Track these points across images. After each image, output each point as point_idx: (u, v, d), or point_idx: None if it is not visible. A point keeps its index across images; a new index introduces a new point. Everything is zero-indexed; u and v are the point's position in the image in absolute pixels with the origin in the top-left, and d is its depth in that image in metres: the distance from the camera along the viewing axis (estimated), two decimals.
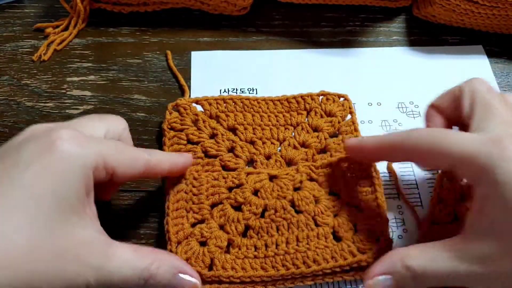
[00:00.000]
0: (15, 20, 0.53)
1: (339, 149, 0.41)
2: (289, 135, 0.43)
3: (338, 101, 0.45)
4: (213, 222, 0.37)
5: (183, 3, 0.52)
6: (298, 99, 0.45)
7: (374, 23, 0.54)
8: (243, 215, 0.37)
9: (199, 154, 0.41)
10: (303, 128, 0.43)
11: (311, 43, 0.52)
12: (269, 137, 0.42)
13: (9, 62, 0.49)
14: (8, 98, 0.46)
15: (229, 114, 0.43)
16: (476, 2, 0.48)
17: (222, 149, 0.41)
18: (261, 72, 0.49)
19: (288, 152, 0.42)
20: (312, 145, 0.42)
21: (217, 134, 0.42)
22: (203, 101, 0.44)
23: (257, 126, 0.43)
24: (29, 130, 0.31)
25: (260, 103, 0.44)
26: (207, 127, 0.42)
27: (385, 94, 0.48)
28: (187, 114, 0.43)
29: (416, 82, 0.49)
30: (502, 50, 0.52)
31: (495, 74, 0.50)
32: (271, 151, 0.42)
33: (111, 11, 0.52)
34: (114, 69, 0.49)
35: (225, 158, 0.41)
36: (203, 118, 0.43)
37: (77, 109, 0.46)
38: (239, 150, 0.41)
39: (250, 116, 0.43)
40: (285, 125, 0.43)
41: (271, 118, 0.44)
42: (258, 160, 0.41)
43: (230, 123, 0.43)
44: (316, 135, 0.43)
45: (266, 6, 0.54)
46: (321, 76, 0.49)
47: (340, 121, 0.44)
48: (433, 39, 0.53)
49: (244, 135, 0.42)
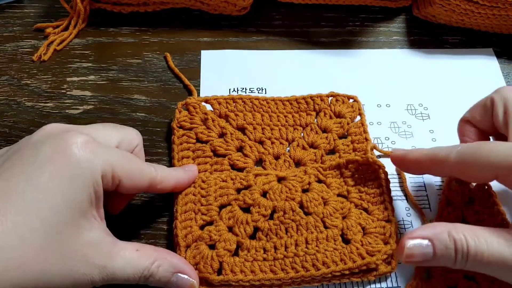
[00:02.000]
0: (15, 20, 0.53)
1: (347, 150, 0.42)
2: (298, 136, 0.43)
3: (347, 102, 0.45)
4: (222, 224, 0.37)
5: (183, 3, 0.52)
6: (308, 100, 0.45)
7: (374, 23, 0.54)
8: (252, 216, 0.37)
9: (208, 153, 0.41)
10: (312, 129, 0.43)
11: (311, 43, 0.52)
12: (278, 137, 0.42)
13: (9, 62, 0.49)
14: (8, 98, 0.46)
15: (238, 113, 0.43)
16: (476, 2, 0.48)
17: (231, 148, 0.41)
18: (270, 72, 0.49)
19: (297, 152, 0.42)
20: (321, 146, 0.42)
21: (226, 133, 0.42)
22: (213, 100, 0.44)
23: (266, 126, 0.43)
24: (46, 129, 0.32)
25: (270, 103, 0.44)
26: (216, 126, 0.42)
27: (394, 96, 0.48)
28: (197, 112, 0.43)
29: (425, 84, 0.49)
30: (503, 50, 0.52)
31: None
32: (280, 151, 0.42)
33: (111, 11, 0.52)
34: (114, 69, 0.49)
35: (234, 157, 0.41)
36: (212, 117, 0.43)
37: (77, 109, 0.46)
38: (248, 150, 0.41)
39: (259, 116, 0.43)
40: (294, 125, 0.43)
41: (280, 118, 0.44)
42: (267, 160, 0.41)
43: (239, 122, 0.43)
44: (325, 136, 0.43)
45: (266, 6, 0.54)
46: (330, 77, 0.49)
47: (349, 122, 0.44)
48: (433, 39, 0.53)
49: (253, 134, 0.42)
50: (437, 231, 0.30)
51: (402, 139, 0.45)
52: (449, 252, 0.30)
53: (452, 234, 0.30)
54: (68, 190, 0.28)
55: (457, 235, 0.30)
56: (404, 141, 0.44)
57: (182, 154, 0.41)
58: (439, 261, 0.30)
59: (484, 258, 0.29)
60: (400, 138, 0.45)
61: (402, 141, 0.44)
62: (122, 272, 0.30)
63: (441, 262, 0.31)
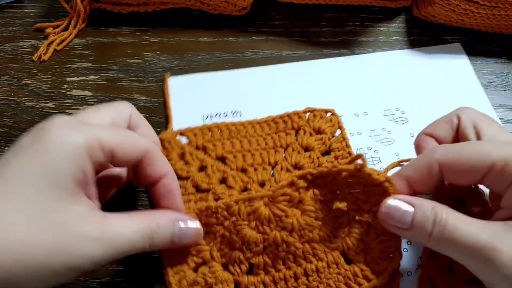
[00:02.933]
0: (15, 20, 0.53)
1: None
2: (281, 158, 0.41)
3: (325, 117, 0.44)
4: (215, 264, 0.35)
5: (183, 3, 0.52)
6: (285, 119, 0.43)
7: (374, 23, 0.54)
8: (244, 254, 0.35)
9: (190, 189, 0.39)
10: (293, 149, 0.41)
11: (311, 43, 0.52)
12: (261, 163, 0.41)
13: (9, 62, 0.49)
14: (8, 98, 0.46)
15: (216, 143, 0.42)
16: (476, 2, 0.48)
17: (213, 182, 0.39)
18: (243, 93, 0.47)
19: (282, 176, 0.40)
20: (305, 166, 0.40)
21: (206, 166, 0.40)
22: (188, 132, 0.42)
23: (246, 152, 0.41)
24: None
25: (247, 127, 0.43)
26: (195, 159, 0.41)
27: (370, 102, 0.47)
28: (173, 148, 0.41)
29: (399, 87, 0.48)
30: (502, 50, 0.52)
31: (495, 74, 0.50)
32: (264, 178, 0.40)
33: (111, 11, 0.52)
34: (114, 69, 0.49)
35: (218, 190, 0.39)
36: (189, 150, 0.41)
37: (77, 109, 0.46)
38: (232, 181, 0.39)
39: (238, 142, 0.42)
40: (274, 147, 0.42)
41: (259, 141, 0.42)
42: (252, 188, 0.39)
43: (219, 152, 0.41)
44: (308, 155, 0.41)
45: (266, 6, 0.54)
46: (305, 91, 0.47)
47: (330, 138, 0.42)
48: (433, 39, 0.53)
49: (235, 163, 0.41)
50: (421, 201, 0.30)
51: (384, 146, 0.44)
52: (427, 222, 0.30)
53: (435, 207, 0.30)
54: (48, 168, 0.28)
55: (440, 210, 0.30)
56: (387, 148, 0.43)
57: None
58: (414, 231, 0.30)
59: (459, 237, 0.29)
60: (382, 146, 0.44)
61: (384, 148, 0.43)
62: (123, 239, 0.29)
63: (416, 234, 0.30)
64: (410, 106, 0.46)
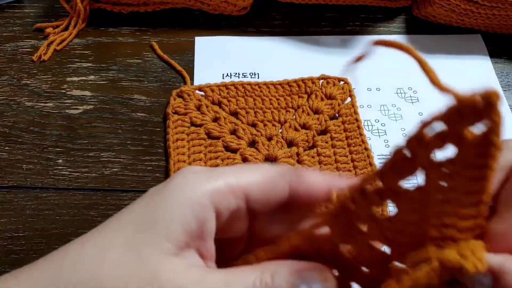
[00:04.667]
0: (15, 20, 0.53)
1: (338, 131, 0.43)
2: (290, 117, 0.44)
3: (338, 85, 0.46)
4: None
5: (183, 3, 0.52)
6: (299, 83, 0.46)
7: (374, 23, 0.54)
8: None
9: (202, 135, 0.42)
10: (303, 111, 0.44)
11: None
12: (270, 120, 0.44)
13: (9, 62, 0.49)
14: (8, 98, 0.46)
15: (231, 99, 0.45)
16: (476, 2, 0.48)
17: (224, 131, 0.43)
18: (263, 57, 0.50)
19: (289, 133, 0.43)
20: (312, 127, 0.43)
21: (220, 118, 0.43)
22: (206, 88, 0.45)
23: (258, 109, 0.44)
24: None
25: (262, 87, 0.46)
26: (210, 111, 0.44)
27: (384, 80, 0.48)
28: (191, 99, 0.44)
29: (414, 69, 0.48)
30: (502, 50, 0.52)
31: (495, 74, 0.50)
32: (272, 133, 0.43)
33: (111, 11, 0.52)
34: (114, 69, 0.49)
35: (227, 139, 0.42)
36: (206, 103, 0.44)
37: (77, 109, 0.46)
38: (241, 132, 0.43)
39: (251, 100, 0.45)
40: (286, 107, 0.44)
41: (272, 101, 0.45)
42: (259, 142, 0.42)
43: (232, 108, 0.44)
44: (316, 117, 0.44)
45: (266, 6, 0.54)
46: (322, 62, 0.50)
47: (340, 104, 0.45)
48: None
49: (246, 118, 0.44)
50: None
51: (392, 121, 0.46)
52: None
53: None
54: (155, 212, 0.25)
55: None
56: (394, 123, 0.45)
57: (177, 136, 0.42)
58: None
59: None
60: (390, 120, 0.46)
61: (392, 123, 0.45)
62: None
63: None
64: (423, 88, 0.47)
